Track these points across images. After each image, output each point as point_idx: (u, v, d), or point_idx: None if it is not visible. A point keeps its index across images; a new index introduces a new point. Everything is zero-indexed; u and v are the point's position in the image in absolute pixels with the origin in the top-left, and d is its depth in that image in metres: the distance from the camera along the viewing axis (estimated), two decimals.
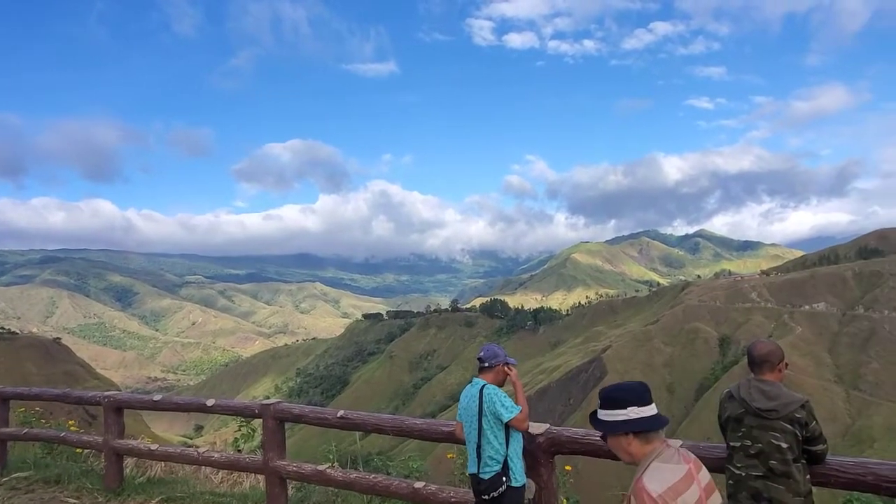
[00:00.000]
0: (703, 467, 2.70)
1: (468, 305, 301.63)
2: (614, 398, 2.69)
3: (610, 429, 2.67)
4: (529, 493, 4.43)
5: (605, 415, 2.69)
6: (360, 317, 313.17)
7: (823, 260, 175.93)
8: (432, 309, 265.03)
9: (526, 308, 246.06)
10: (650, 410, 2.68)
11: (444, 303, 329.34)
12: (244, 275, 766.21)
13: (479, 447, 4.06)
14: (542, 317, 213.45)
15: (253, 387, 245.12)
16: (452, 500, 4.95)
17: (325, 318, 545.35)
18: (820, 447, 3.49)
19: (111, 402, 7.43)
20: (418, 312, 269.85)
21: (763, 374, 3.60)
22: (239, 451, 8.27)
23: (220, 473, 8.54)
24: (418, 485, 5.21)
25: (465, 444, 4.34)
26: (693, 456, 2.72)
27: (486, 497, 4.00)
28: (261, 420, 6.28)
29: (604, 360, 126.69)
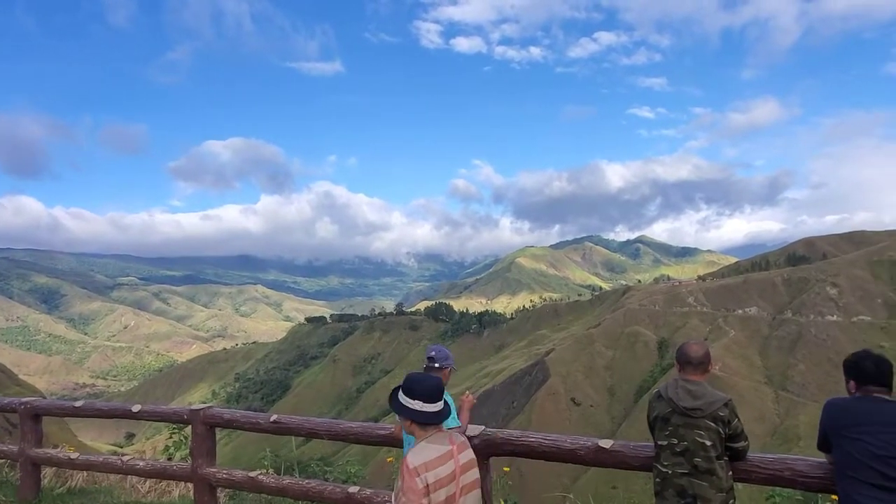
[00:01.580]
0: (469, 450, 3.26)
1: (413, 309, 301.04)
2: (411, 388, 3.20)
3: (397, 410, 3.21)
4: None
5: (401, 397, 3.20)
6: (302, 320, 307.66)
7: (755, 266, 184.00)
8: (377, 312, 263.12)
9: (471, 312, 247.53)
10: (433, 408, 3.17)
11: (389, 306, 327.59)
12: (181, 276, 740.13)
13: None
14: (486, 320, 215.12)
15: (189, 392, 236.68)
16: (386, 502, 4.90)
17: (267, 322, 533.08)
18: (742, 444, 3.59)
19: (28, 408, 7.00)
20: (363, 316, 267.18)
21: (690, 375, 3.70)
22: (170, 458, 7.95)
23: (147, 482, 8.25)
24: (353, 489, 5.15)
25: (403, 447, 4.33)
26: (462, 440, 3.27)
27: None
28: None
29: (547, 363, 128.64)
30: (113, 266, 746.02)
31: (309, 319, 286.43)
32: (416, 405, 3.17)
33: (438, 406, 3.21)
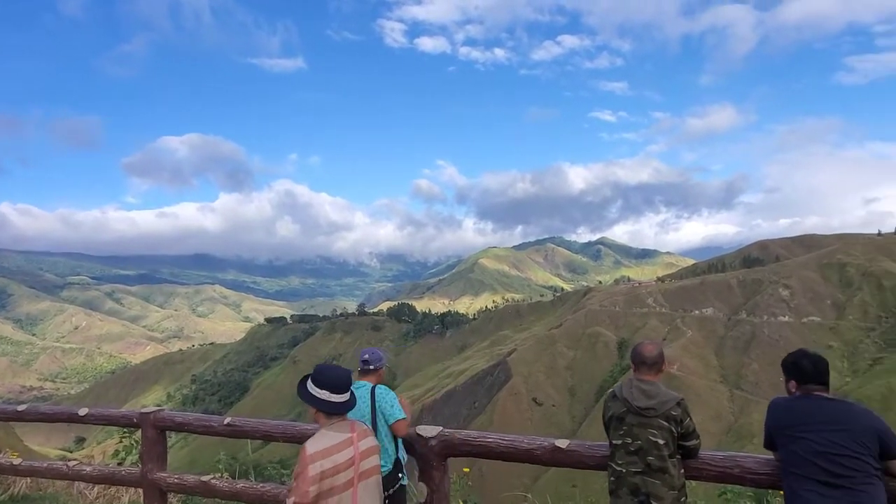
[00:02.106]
0: (370, 437, 3.49)
1: (376, 309, 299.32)
2: (320, 379, 3.39)
3: (305, 399, 3.39)
4: (421, 497, 4.42)
5: (310, 386, 3.39)
6: (262, 321, 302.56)
7: (712, 268, 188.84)
8: (339, 313, 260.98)
9: (433, 312, 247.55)
10: (339, 398, 3.37)
11: (351, 307, 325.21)
12: (135, 276, 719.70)
13: None
14: (449, 321, 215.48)
15: (143, 395, 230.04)
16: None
17: (225, 323, 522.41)
18: (693, 442, 3.67)
19: None
20: (324, 316, 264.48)
21: (645, 375, 3.77)
22: (120, 463, 7.72)
23: (95, 489, 7.99)
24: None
25: None
26: (365, 428, 3.50)
27: (386, 494, 4.03)
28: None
29: (509, 363, 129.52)
30: (63, 265, 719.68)
31: (269, 320, 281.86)
32: (324, 395, 3.35)
33: (344, 397, 3.40)
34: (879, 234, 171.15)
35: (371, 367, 4.38)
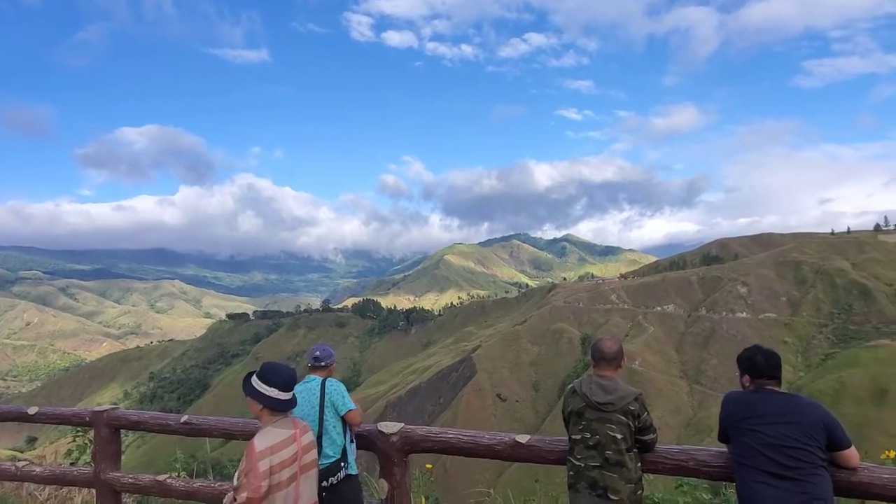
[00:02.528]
0: (309, 433, 3.65)
1: (340, 305, 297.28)
2: (268, 378, 3.50)
3: (253, 395, 3.50)
4: (382, 493, 4.43)
5: (256, 382, 3.50)
6: (223, 317, 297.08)
7: (673, 265, 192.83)
8: (303, 309, 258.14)
9: (399, 308, 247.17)
10: (285, 396, 3.50)
11: (316, 303, 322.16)
12: (90, 270, 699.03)
13: (319, 437, 4.23)
14: (414, 317, 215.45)
15: (98, 393, 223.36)
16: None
17: (185, 319, 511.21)
18: (650, 437, 3.75)
19: None
20: (288, 312, 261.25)
21: (604, 370, 3.84)
22: (73, 463, 7.51)
23: (46, 489, 7.77)
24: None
25: None
26: (303, 424, 3.64)
27: (326, 483, 4.14)
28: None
29: (474, 359, 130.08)
30: (14, 259, 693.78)
31: (230, 316, 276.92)
32: (273, 392, 3.46)
33: (290, 395, 3.54)
34: (832, 233, 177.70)
35: (322, 363, 4.46)
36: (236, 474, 3.32)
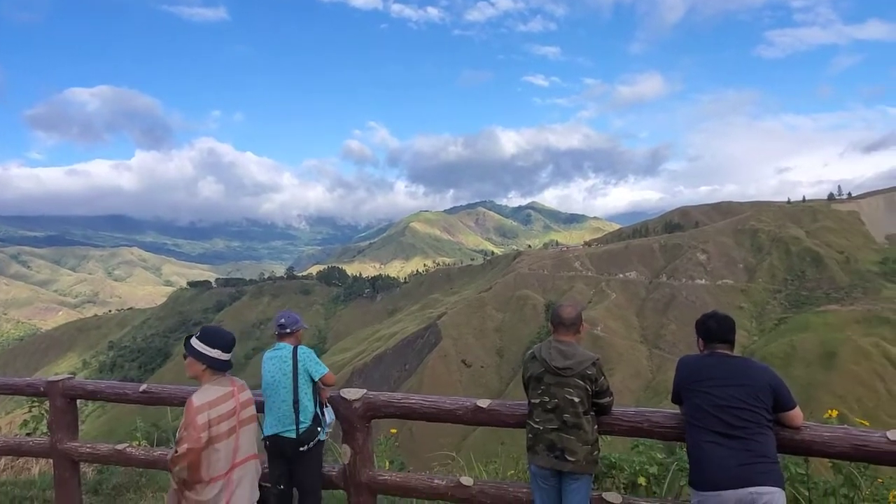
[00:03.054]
0: (247, 391, 3.94)
1: (305, 273, 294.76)
2: (212, 340, 3.76)
3: (196, 356, 3.72)
4: (344, 458, 4.48)
5: (197, 344, 3.74)
6: (184, 285, 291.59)
7: (636, 233, 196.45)
8: (266, 276, 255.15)
9: (364, 276, 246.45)
10: (226, 357, 3.78)
11: (280, 270, 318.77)
12: (43, 237, 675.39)
13: (296, 403, 4.30)
14: (380, 284, 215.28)
15: (55, 363, 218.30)
16: (264, 468, 4.81)
17: (144, 287, 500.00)
18: (607, 400, 3.87)
19: None
20: (251, 280, 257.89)
21: (563, 336, 3.95)
22: (29, 434, 7.37)
23: (2, 460, 7.73)
24: None
25: None
26: (241, 382, 3.93)
27: (303, 448, 4.29)
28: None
29: (439, 326, 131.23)
30: None
31: (192, 284, 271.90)
32: (216, 353, 3.73)
33: (229, 356, 3.82)
34: (789, 202, 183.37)
35: (287, 330, 4.49)
36: (177, 432, 3.59)
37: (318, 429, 4.37)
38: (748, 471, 3.26)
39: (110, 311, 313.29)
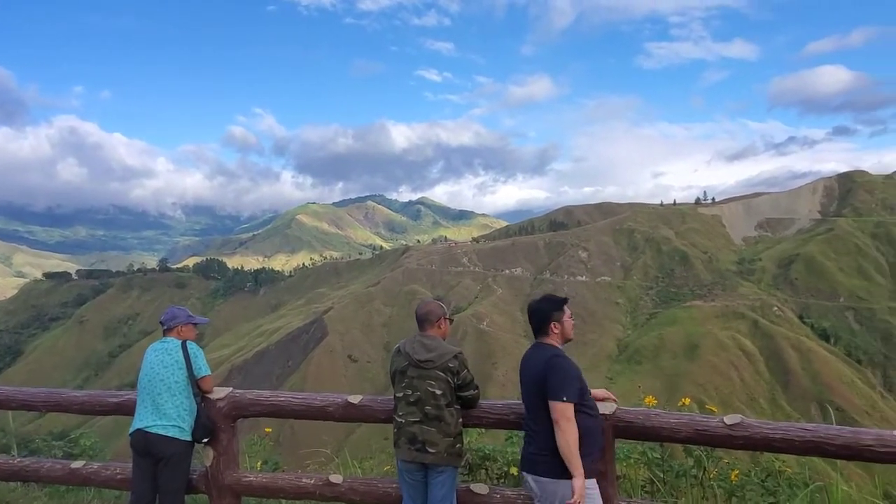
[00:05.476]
0: None
1: (180, 265, 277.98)
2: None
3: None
4: (207, 461, 4.27)
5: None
6: (39, 276, 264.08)
7: (522, 230, 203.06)
8: (136, 268, 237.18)
9: (246, 269, 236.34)
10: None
11: (151, 262, 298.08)
12: None
13: (172, 399, 4.15)
14: (263, 278, 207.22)
15: None
16: (118, 476, 4.49)
17: None
18: (470, 392, 3.96)
19: None
20: (118, 272, 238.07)
21: (426, 331, 4.00)
22: None
23: None
24: (76, 465, 4.66)
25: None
26: None
27: (172, 448, 4.07)
28: None
29: (325, 321, 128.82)
30: None
31: (48, 275, 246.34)
32: None
33: None
34: (661, 204, 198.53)
35: (164, 326, 4.42)
36: None
37: (189, 428, 4.17)
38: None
39: None
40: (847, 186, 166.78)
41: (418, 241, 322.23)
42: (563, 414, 3.32)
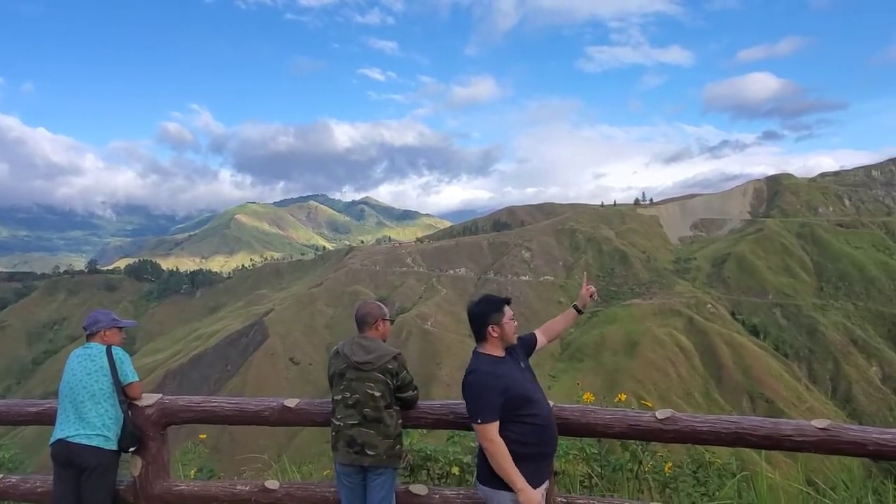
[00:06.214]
0: None
1: (111, 267, 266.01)
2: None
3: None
4: (135, 470, 4.09)
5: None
6: None
7: (466, 231, 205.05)
8: (62, 270, 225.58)
9: (182, 271, 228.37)
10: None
11: (79, 263, 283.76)
12: None
13: (97, 407, 3.95)
14: (200, 280, 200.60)
15: None
16: (39, 489, 4.25)
17: None
18: (410, 394, 3.90)
19: None
20: (43, 274, 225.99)
21: (365, 332, 3.93)
22: None
23: None
24: None
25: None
26: None
27: (95, 459, 3.87)
28: None
29: (266, 323, 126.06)
30: None
31: None
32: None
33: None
34: (602, 205, 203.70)
35: (88, 331, 4.23)
36: None
37: (115, 437, 3.97)
38: None
39: None
40: (775, 189, 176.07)
41: (362, 242, 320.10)
42: (484, 436, 3.26)
